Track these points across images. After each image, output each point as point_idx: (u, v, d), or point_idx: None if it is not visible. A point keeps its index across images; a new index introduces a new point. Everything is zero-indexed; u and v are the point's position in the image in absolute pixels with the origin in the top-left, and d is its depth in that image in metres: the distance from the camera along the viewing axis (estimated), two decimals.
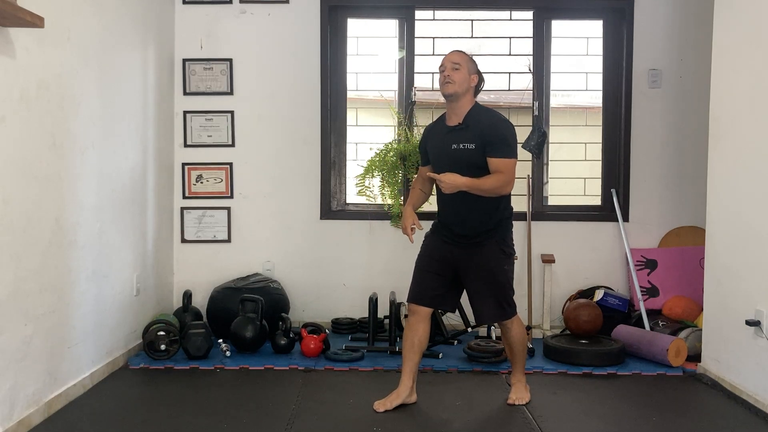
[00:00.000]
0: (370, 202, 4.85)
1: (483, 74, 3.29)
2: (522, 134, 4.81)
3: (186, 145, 4.83)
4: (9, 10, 2.45)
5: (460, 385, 3.61)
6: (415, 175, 4.66)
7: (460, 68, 3.15)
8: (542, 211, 4.93)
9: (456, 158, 3.15)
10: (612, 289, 4.72)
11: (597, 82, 4.99)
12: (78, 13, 3.30)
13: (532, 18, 4.93)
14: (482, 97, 5.27)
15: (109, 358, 3.71)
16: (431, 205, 3.53)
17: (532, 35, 4.92)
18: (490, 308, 3.22)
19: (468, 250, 3.21)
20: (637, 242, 4.82)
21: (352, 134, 5.00)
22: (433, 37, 4.96)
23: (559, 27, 4.97)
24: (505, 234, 3.25)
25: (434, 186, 3.33)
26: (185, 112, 4.81)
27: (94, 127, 3.49)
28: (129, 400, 3.36)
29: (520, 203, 4.88)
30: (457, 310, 4.41)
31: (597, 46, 4.97)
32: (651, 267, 4.70)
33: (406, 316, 4.53)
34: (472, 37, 4.97)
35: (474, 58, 3.28)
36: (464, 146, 3.13)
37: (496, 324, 3.84)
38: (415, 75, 4.91)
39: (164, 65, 4.59)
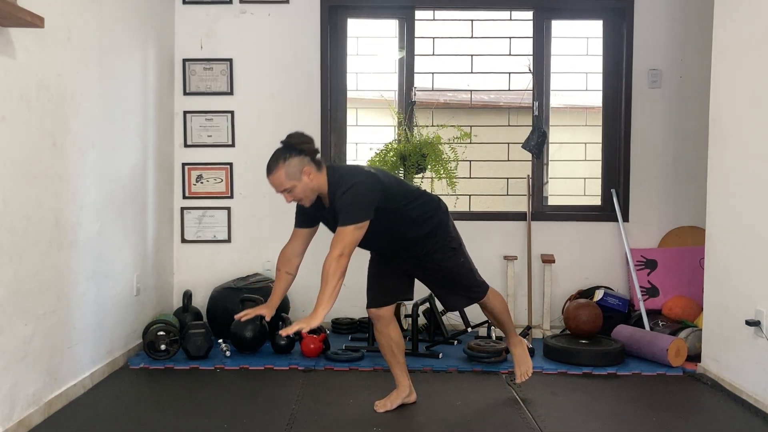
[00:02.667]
0: None
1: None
2: (522, 134, 4.83)
3: (186, 145, 4.82)
4: (9, 10, 2.45)
5: (460, 385, 3.61)
6: (417, 177, 4.67)
7: (292, 188, 2.84)
8: (542, 211, 4.92)
9: None
10: (612, 289, 4.72)
11: (597, 82, 4.99)
12: (78, 13, 3.30)
13: (532, 18, 4.92)
14: (482, 97, 5.33)
15: (109, 358, 3.71)
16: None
17: (532, 35, 4.92)
18: (460, 298, 3.23)
19: (416, 262, 3.13)
20: (637, 242, 4.82)
21: (352, 134, 5.00)
22: (433, 37, 4.96)
23: (559, 27, 4.97)
24: (444, 234, 3.09)
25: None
26: (185, 112, 4.81)
27: (94, 127, 3.49)
28: (129, 400, 3.36)
29: (520, 203, 4.89)
30: (457, 310, 4.41)
31: (597, 46, 4.97)
32: (651, 267, 4.70)
33: (406, 316, 4.54)
34: (472, 37, 4.97)
35: (292, 153, 2.85)
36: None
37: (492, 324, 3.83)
38: (415, 75, 4.90)
39: (164, 65, 4.59)
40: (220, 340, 4.10)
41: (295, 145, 2.88)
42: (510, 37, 4.96)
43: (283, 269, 3.18)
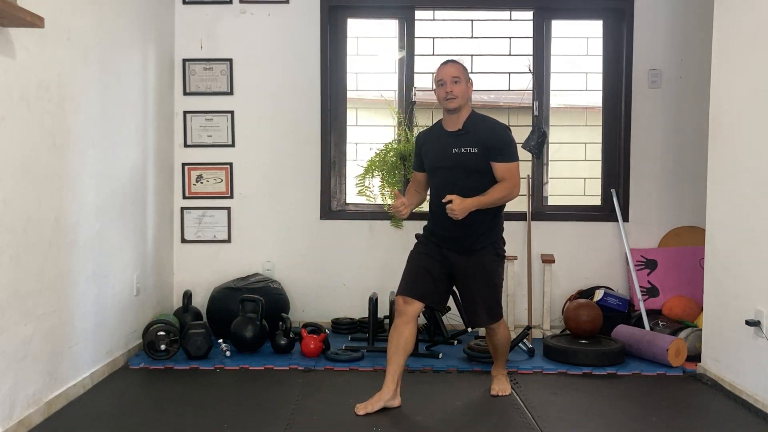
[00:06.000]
0: (370, 202, 4.86)
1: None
2: (522, 134, 4.83)
3: (186, 145, 4.82)
4: (9, 10, 2.45)
5: (460, 385, 3.61)
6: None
7: (460, 81, 3.18)
8: (542, 211, 4.92)
9: (457, 161, 3.19)
10: (612, 289, 4.72)
11: (597, 82, 4.99)
12: (78, 13, 3.30)
13: (532, 18, 4.92)
14: (482, 97, 5.33)
15: (109, 358, 3.71)
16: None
17: (532, 35, 4.92)
18: (483, 312, 3.27)
19: (465, 256, 3.25)
20: (637, 242, 4.82)
21: (352, 134, 5.00)
22: (433, 37, 4.96)
23: (559, 27, 4.97)
24: (498, 237, 3.31)
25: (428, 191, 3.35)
26: (185, 112, 4.81)
27: (94, 127, 3.49)
28: (129, 400, 3.36)
29: (520, 203, 4.88)
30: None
31: (597, 46, 4.97)
32: (651, 267, 4.70)
33: None
34: (472, 37, 4.97)
35: (464, 62, 3.28)
36: (466, 150, 3.17)
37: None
38: (415, 75, 4.90)
39: (164, 65, 4.59)
40: (220, 340, 4.10)
41: (467, 69, 3.28)
42: (510, 37, 4.96)
43: (413, 188, 3.47)
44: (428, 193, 3.46)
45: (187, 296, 4.42)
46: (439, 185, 3.26)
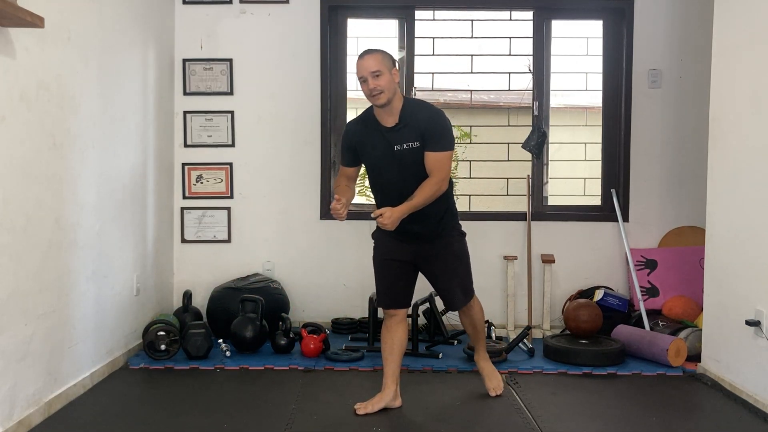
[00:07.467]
0: (370, 202, 4.85)
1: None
2: (522, 134, 4.83)
3: (186, 145, 4.82)
4: (9, 10, 2.45)
5: (460, 385, 3.61)
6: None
7: (382, 73, 2.99)
8: (542, 211, 4.92)
9: (401, 159, 3.05)
10: (612, 289, 4.72)
11: (597, 82, 4.99)
12: (78, 13, 3.30)
13: (532, 18, 4.92)
14: (482, 97, 5.33)
15: (109, 358, 3.71)
16: None
17: (532, 35, 4.92)
18: (459, 293, 3.26)
19: (428, 244, 3.20)
20: (637, 242, 4.82)
21: None
22: (433, 37, 4.96)
23: (559, 27, 4.97)
24: (455, 218, 3.29)
25: (377, 193, 3.24)
26: (185, 112, 4.81)
27: (94, 127, 3.49)
28: (129, 400, 3.36)
29: (520, 203, 4.89)
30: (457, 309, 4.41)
31: (597, 46, 4.97)
32: (651, 267, 4.70)
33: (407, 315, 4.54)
34: (472, 37, 4.97)
35: (388, 53, 3.11)
36: (408, 146, 3.03)
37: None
38: (415, 75, 4.90)
39: (164, 65, 4.59)
40: (220, 340, 4.10)
41: (391, 56, 3.10)
42: (510, 37, 4.96)
43: (343, 183, 3.27)
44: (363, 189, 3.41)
45: (187, 296, 4.42)
46: (386, 186, 3.14)
